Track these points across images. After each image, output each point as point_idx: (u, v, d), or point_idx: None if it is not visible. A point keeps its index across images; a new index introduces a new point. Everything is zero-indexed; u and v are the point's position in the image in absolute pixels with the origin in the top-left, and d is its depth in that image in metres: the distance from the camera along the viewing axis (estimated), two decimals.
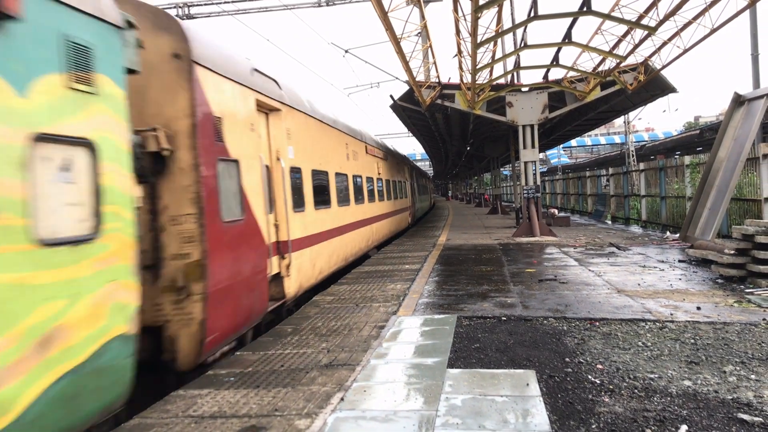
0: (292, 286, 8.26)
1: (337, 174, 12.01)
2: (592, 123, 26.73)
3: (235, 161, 6.41)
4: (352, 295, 9.15)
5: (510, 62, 18.25)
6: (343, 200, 12.41)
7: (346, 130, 13.50)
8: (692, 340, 5.79)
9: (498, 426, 3.90)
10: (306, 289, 9.14)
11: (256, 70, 7.56)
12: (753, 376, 4.71)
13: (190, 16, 22.24)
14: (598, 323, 6.61)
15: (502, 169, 46.24)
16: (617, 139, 72.71)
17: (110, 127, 4.11)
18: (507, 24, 13.57)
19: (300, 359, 5.73)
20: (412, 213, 27.94)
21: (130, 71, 4.45)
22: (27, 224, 3.29)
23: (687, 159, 16.45)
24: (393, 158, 21.99)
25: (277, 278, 7.95)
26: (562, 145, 63.13)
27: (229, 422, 4.19)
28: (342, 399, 4.55)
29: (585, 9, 11.34)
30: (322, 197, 10.49)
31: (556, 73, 18.31)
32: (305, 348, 6.14)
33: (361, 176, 14.94)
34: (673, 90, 18.19)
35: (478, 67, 13.55)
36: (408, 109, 20.36)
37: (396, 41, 11.47)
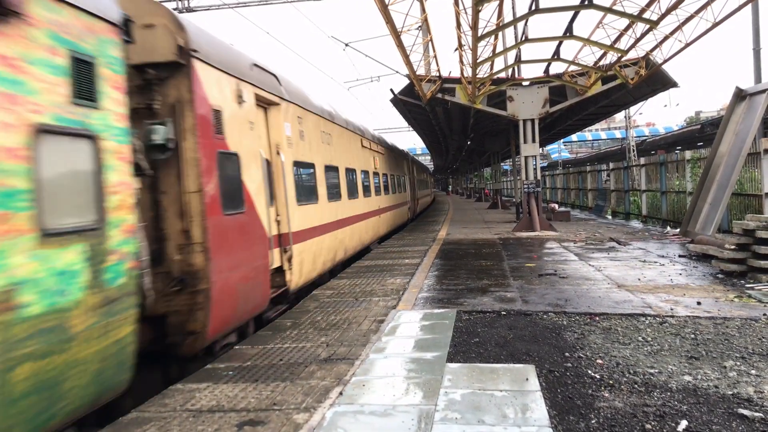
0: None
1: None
2: (593, 117, 26.67)
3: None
4: (351, 289, 9.14)
5: (511, 56, 18.11)
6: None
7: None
8: (692, 335, 5.77)
9: (497, 421, 3.89)
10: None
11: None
12: (753, 372, 4.70)
13: (189, 9, 21.90)
14: (598, 318, 6.60)
15: (502, 164, 46.18)
16: (618, 134, 72.59)
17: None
18: (508, 17, 13.50)
19: (299, 353, 5.71)
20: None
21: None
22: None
23: (688, 154, 16.37)
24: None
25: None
26: (562, 140, 63.03)
27: (227, 416, 4.17)
28: (341, 393, 4.54)
29: (586, 2, 11.28)
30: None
31: (557, 68, 18.17)
32: (304, 342, 6.13)
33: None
34: (674, 84, 18.11)
35: (478, 60, 13.49)
36: (408, 103, 20.30)
37: (396, 35, 11.40)
